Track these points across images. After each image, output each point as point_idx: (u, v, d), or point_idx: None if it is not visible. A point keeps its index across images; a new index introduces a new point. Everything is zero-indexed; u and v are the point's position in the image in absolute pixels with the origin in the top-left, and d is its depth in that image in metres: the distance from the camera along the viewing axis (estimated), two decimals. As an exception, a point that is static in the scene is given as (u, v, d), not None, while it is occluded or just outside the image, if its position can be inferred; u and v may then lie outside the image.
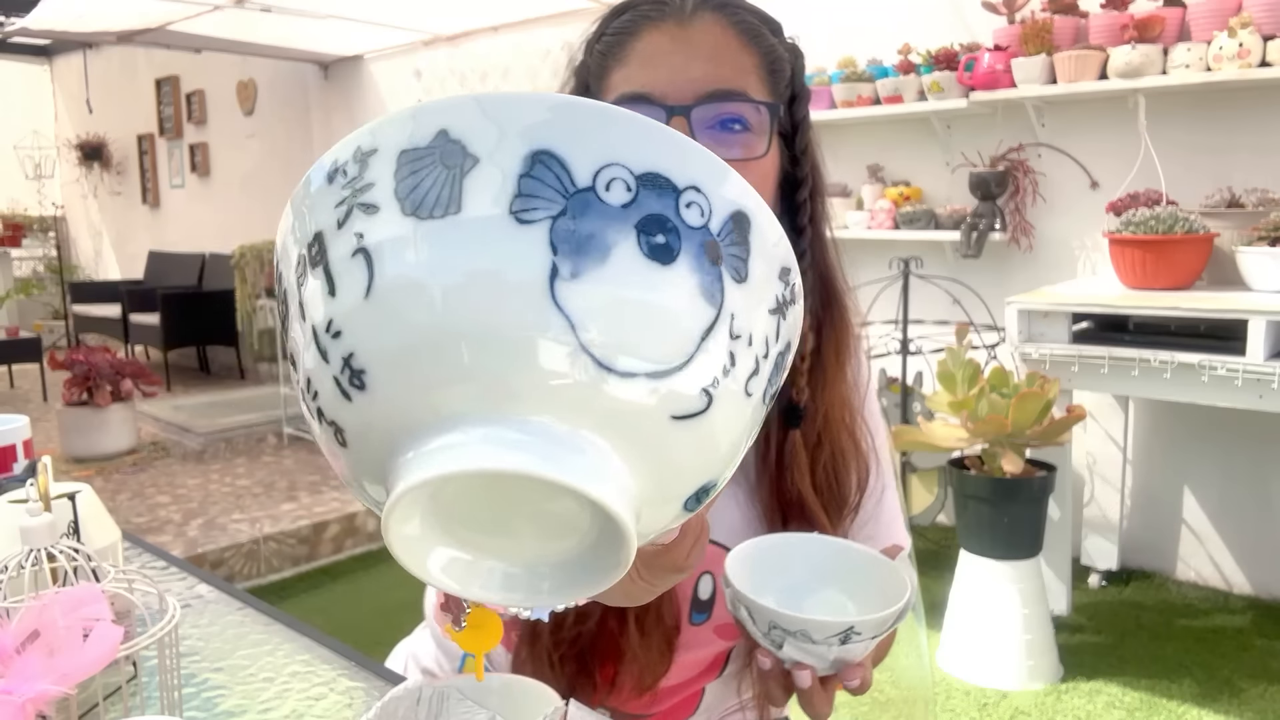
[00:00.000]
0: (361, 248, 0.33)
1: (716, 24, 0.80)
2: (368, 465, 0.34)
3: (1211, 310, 2.55)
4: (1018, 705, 2.55)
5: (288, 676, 0.94)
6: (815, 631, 0.68)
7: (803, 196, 0.86)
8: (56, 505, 0.86)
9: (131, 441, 4.97)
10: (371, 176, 0.34)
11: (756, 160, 0.80)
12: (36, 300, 8.93)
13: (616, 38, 0.81)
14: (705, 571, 0.88)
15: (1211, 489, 3.29)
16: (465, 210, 0.32)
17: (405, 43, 5.69)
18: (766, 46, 0.82)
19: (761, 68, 0.81)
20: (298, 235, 0.36)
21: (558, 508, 0.33)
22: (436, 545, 0.34)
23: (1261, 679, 2.66)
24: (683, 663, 0.90)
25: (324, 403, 0.34)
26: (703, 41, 0.79)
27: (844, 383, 0.88)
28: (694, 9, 0.80)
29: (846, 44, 3.87)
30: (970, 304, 3.59)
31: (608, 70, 0.82)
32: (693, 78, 0.78)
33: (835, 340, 0.88)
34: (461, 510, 0.34)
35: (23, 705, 0.61)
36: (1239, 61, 2.84)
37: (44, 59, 9.35)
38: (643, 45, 0.80)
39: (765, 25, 0.83)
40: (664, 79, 0.78)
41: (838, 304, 0.89)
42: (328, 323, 0.34)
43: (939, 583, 3.04)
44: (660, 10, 0.80)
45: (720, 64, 0.79)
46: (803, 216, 0.86)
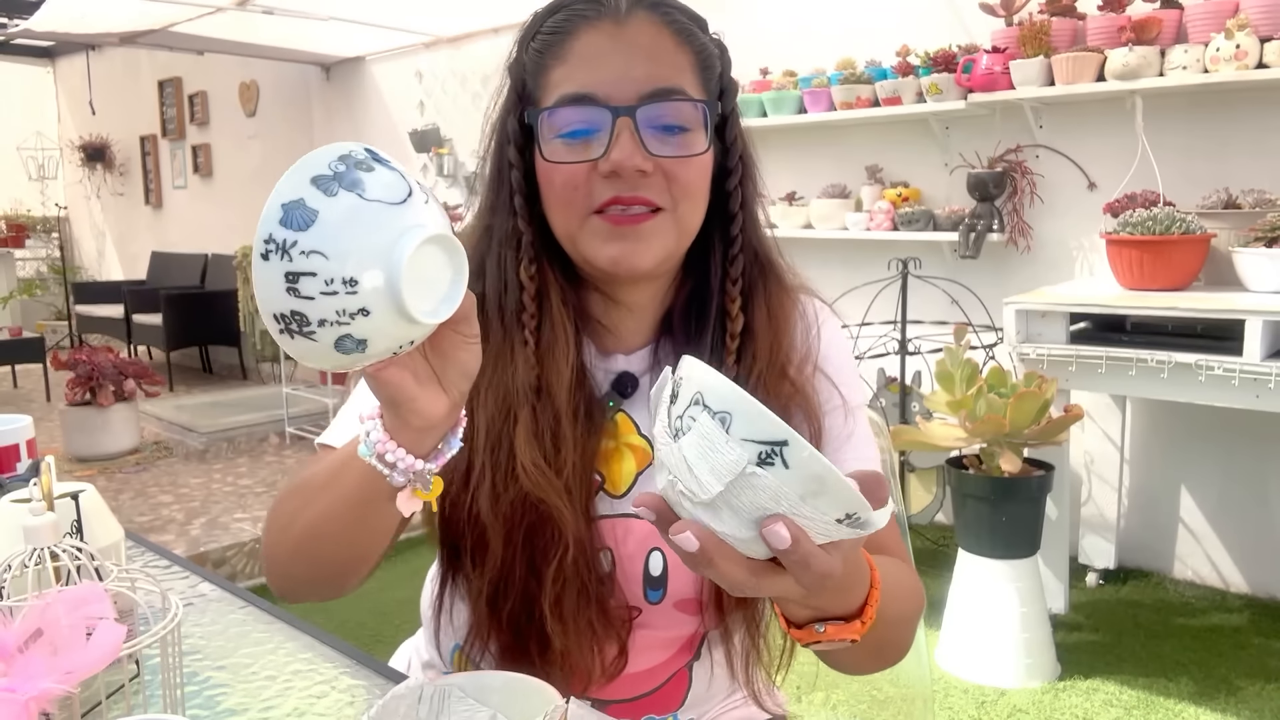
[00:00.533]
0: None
1: (651, 24, 0.82)
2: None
3: (1208, 310, 2.56)
4: (1015, 703, 2.56)
5: (290, 675, 0.95)
6: (742, 420, 0.52)
7: (733, 184, 0.89)
8: (59, 505, 0.87)
9: (134, 441, 4.99)
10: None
11: (698, 156, 0.83)
12: (40, 300, 8.95)
13: (553, 36, 0.83)
14: (654, 548, 0.89)
15: (1209, 488, 3.29)
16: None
17: (406, 44, 5.70)
18: (698, 45, 0.85)
19: (695, 65, 0.84)
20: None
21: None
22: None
23: (1258, 677, 2.67)
24: (650, 642, 0.92)
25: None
26: (640, 41, 0.82)
27: (779, 353, 0.90)
28: (629, 9, 0.82)
29: (845, 46, 3.87)
30: (968, 304, 3.60)
31: (546, 68, 0.84)
32: (634, 77, 0.80)
33: (767, 311, 0.90)
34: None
35: (26, 703, 0.61)
36: (1236, 63, 2.85)
37: (47, 60, 9.36)
38: (581, 45, 0.82)
39: (695, 24, 0.86)
40: (606, 79, 0.81)
41: (772, 278, 0.92)
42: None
43: (937, 581, 3.05)
44: (596, 10, 0.82)
45: (659, 63, 0.82)
46: (734, 203, 0.89)
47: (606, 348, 0.93)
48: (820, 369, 0.93)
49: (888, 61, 3.73)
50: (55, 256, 9.01)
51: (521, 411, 0.85)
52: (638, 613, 0.90)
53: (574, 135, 0.81)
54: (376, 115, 6.14)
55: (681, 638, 0.93)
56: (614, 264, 0.84)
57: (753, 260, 0.91)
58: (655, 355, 0.93)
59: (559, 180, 0.83)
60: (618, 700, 0.93)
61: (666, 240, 0.84)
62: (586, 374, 0.89)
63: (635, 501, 0.59)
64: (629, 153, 0.79)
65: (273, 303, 0.58)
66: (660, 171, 0.82)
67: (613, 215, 0.82)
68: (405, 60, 5.85)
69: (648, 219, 0.82)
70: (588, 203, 0.82)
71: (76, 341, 7.82)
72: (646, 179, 0.81)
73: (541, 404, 0.86)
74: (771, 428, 0.52)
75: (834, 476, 0.52)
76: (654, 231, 0.83)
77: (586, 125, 0.81)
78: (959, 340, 2.82)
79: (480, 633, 0.90)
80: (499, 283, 0.89)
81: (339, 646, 0.98)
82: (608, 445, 0.90)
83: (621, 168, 0.80)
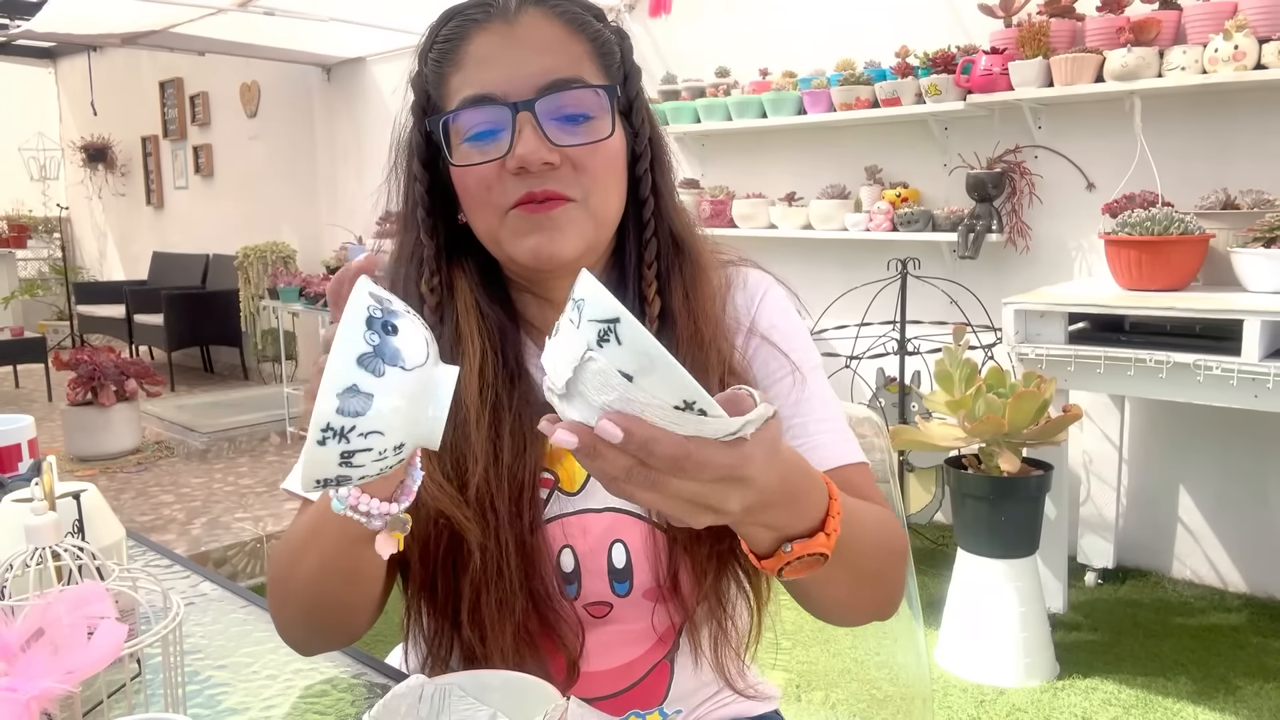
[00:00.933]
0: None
1: (542, 18, 0.83)
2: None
3: (1207, 310, 2.57)
4: (1014, 702, 2.57)
5: (290, 674, 0.96)
6: (589, 305, 0.53)
7: (642, 169, 0.89)
8: (61, 504, 0.87)
9: (135, 441, 4.99)
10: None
11: (604, 141, 0.83)
12: (41, 301, 8.95)
13: (448, 44, 0.84)
14: (616, 540, 0.89)
15: (1207, 488, 3.30)
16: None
17: (407, 45, 5.68)
18: (593, 33, 0.85)
19: (592, 53, 0.85)
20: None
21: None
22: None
23: (1257, 677, 2.68)
24: (624, 637, 0.92)
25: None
26: (532, 36, 0.82)
27: (702, 332, 0.89)
28: (518, 7, 0.83)
29: (844, 47, 3.88)
30: (967, 304, 3.61)
31: (445, 77, 0.85)
32: (529, 72, 0.81)
33: (684, 293, 0.90)
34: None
35: (27, 703, 0.62)
36: (1234, 64, 2.85)
37: (48, 61, 9.37)
38: (475, 48, 0.83)
39: (589, 12, 0.86)
40: (502, 77, 0.81)
41: (688, 258, 0.92)
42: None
43: (937, 580, 3.05)
44: (485, 13, 0.83)
45: (553, 55, 0.82)
46: (644, 188, 0.89)
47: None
48: (765, 336, 0.93)
49: (887, 62, 3.73)
50: (57, 257, 9.02)
51: None
52: (607, 609, 0.90)
53: (479, 137, 0.82)
54: (377, 116, 6.15)
55: (656, 629, 0.93)
56: (534, 255, 0.84)
57: (668, 242, 0.91)
58: None
59: (471, 183, 0.83)
60: (599, 697, 0.93)
61: (584, 229, 0.84)
62: (523, 376, 0.89)
63: (540, 425, 0.59)
64: (533, 147, 0.80)
65: (321, 471, 0.61)
66: (568, 162, 0.82)
67: (528, 207, 0.82)
68: (406, 61, 5.81)
69: (558, 205, 0.82)
70: (502, 201, 0.83)
71: (78, 341, 7.83)
72: (555, 171, 0.81)
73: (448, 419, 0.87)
74: (608, 306, 0.52)
75: (664, 356, 0.52)
76: (569, 220, 0.83)
77: (489, 125, 0.81)
78: (958, 340, 2.82)
79: (433, 644, 0.92)
80: (403, 297, 0.89)
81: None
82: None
83: (527, 162, 0.80)
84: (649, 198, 0.89)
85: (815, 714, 1.48)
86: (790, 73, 4.00)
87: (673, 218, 0.92)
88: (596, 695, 0.93)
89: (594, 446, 0.54)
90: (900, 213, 3.68)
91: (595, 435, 0.54)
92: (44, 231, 9.21)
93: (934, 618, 2.85)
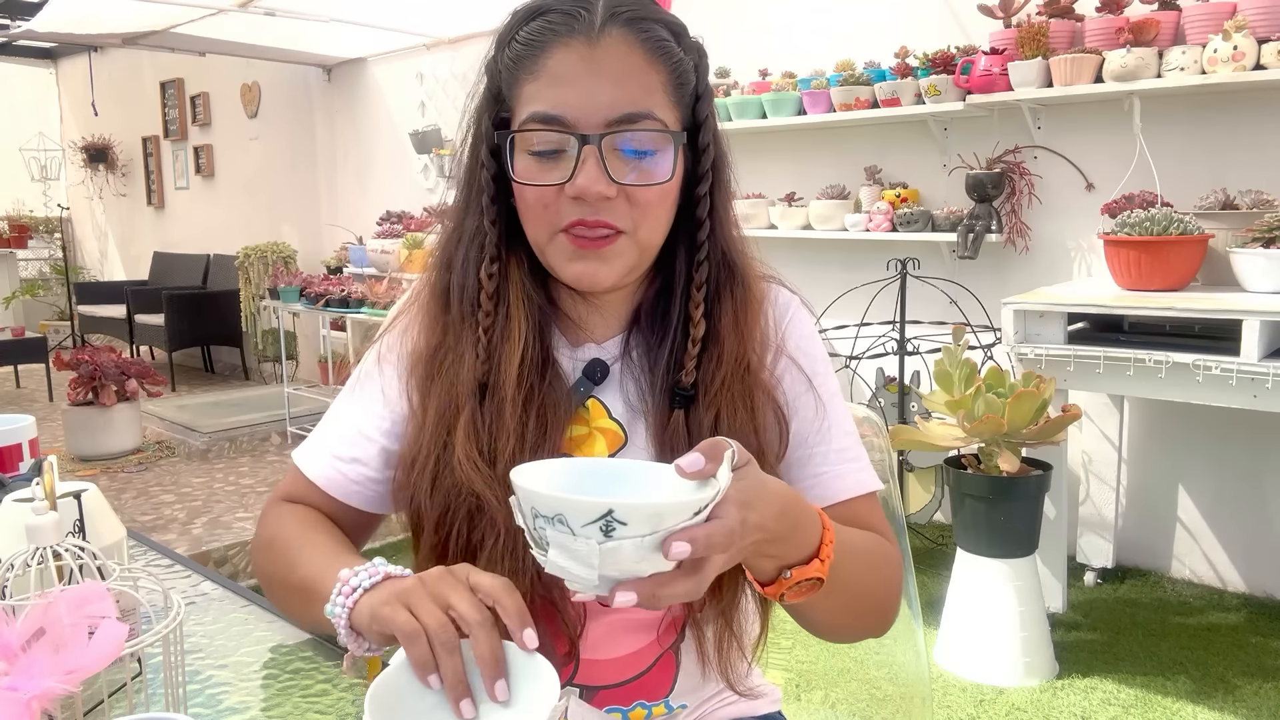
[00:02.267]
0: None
1: (624, 42, 0.83)
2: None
3: (1206, 311, 2.57)
4: (1014, 701, 2.57)
5: (290, 674, 0.96)
6: (572, 515, 0.61)
7: (702, 191, 0.90)
8: (62, 504, 0.87)
9: (136, 441, 5.00)
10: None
11: (659, 185, 0.85)
12: (42, 301, 8.96)
13: (528, 48, 0.84)
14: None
15: (1206, 488, 3.30)
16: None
17: (407, 45, 5.70)
18: (673, 61, 0.85)
19: (668, 84, 0.85)
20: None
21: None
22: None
23: (1256, 676, 2.68)
24: (630, 625, 0.93)
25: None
26: (610, 63, 0.82)
27: (744, 354, 0.91)
28: (603, 25, 0.83)
29: (844, 47, 3.88)
30: (967, 304, 3.61)
31: (519, 81, 0.85)
32: (602, 102, 0.82)
33: (733, 314, 0.92)
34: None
35: (28, 702, 0.62)
36: (1234, 64, 2.85)
37: (49, 62, 9.37)
38: (554, 63, 0.83)
39: (671, 34, 0.86)
40: (575, 102, 0.82)
41: (739, 281, 0.93)
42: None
43: (936, 580, 3.06)
44: (570, 26, 0.83)
45: (628, 86, 0.82)
46: (701, 210, 0.90)
47: (577, 339, 0.95)
48: (791, 358, 0.95)
49: (886, 63, 3.73)
50: (58, 257, 9.02)
51: (465, 406, 0.88)
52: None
53: (542, 155, 0.84)
54: (378, 116, 6.15)
55: (661, 619, 0.94)
56: (577, 281, 0.88)
57: (720, 264, 0.92)
58: (626, 344, 0.95)
59: (530, 197, 0.85)
60: (607, 685, 0.94)
61: (628, 259, 0.87)
62: (551, 364, 0.92)
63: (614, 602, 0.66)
64: (593, 179, 0.81)
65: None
66: (624, 196, 0.84)
67: (577, 237, 0.85)
68: (406, 61, 5.85)
69: (609, 242, 0.85)
70: (556, 221, 0.85)
71: (79, 341, 7.83)
72: (610, 203, 0.83)
73: (487, 399, 0.88)
74: (593, 507, 0.60)
75: (666, 504, 0.62)
76: (615, 253, 0.86)
77: (554, 146, 0.83)
78: (957, 340, 2.83)
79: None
80: (462, 277, 0.92)
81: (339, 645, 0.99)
82: (579, 432, 0.92)
83: (586, 193, 0.82)
84: (705, 220, 0.90)
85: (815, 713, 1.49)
86: (790, 73, 4.00)
87: (727, 240, 0.93)
88: (602, 684, 0.94)
89: (655, 594, 0.64)
90: (900, 213, 3.68)
91: (653, 581, 0.64)
92: (45, 232, 9.21)
93: (933, 617, 2.86)
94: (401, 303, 1.00)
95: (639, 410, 0.92)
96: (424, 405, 0.91)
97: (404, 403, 0.94)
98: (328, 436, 0.98)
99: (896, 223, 3.70)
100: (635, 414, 0.92)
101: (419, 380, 0.92)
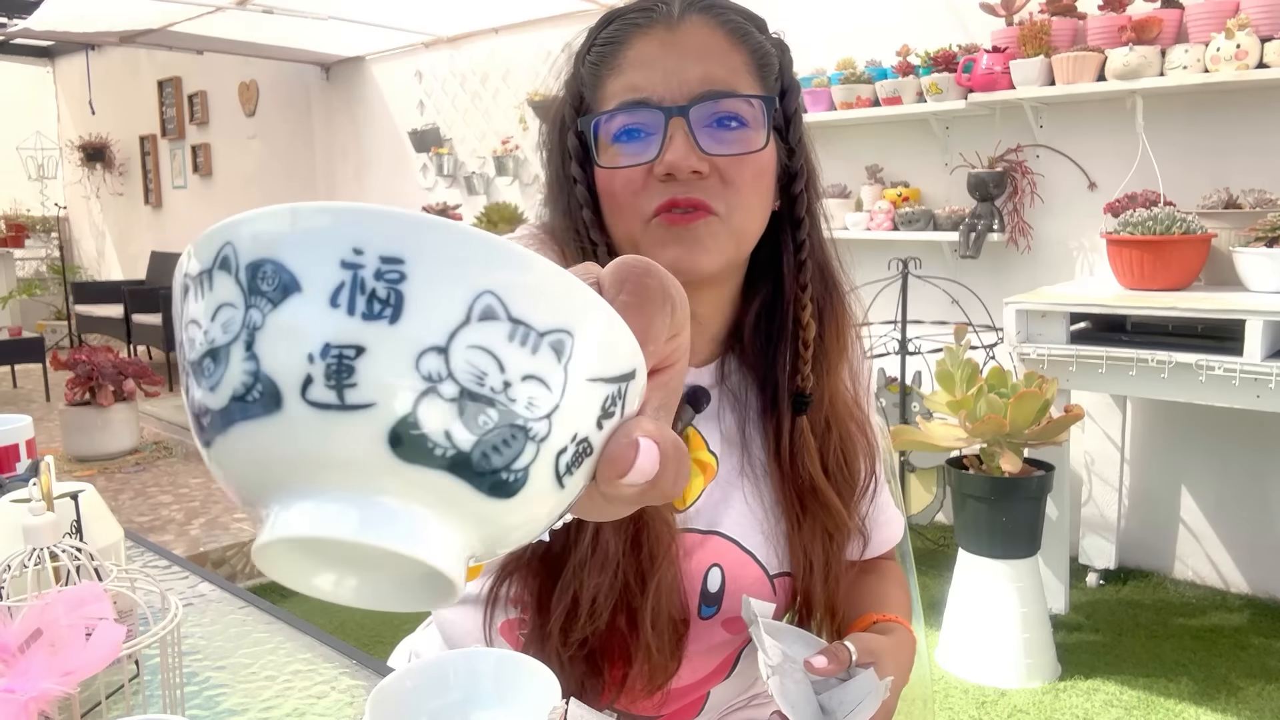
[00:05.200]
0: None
1: (704, 26, 0.81)
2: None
3: (1209, 310, 2.56)
4: (1016, 703, 2.56)
5: (289, 675, 0.95)
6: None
7: (799, 188, 0.87)
8: (59, 505, 0.86)
9: (134, 441, 4.99)
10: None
11: (755, 154, 0.81)
12: (39, 300, 8.95)
13: (607, 48, 0.83)
14: (714, 564, 0.88)
15: (1209, 488, 3.29)
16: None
17: (406, 44, 5.70)
18: (754, 44, 0.83)
19: (751, 65, 0.83)
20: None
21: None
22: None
23: (1258, 677, 2.67)
24: (692, 661, 0.90)
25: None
26: (692, 44, 0.80)
27: (845, 368, 0.91)
28: (681, 13, 0.81)
29: (845, 46, 3.88)
30: (969, 304, 3.60)
31: (601, 80, 0.83)
32: (686, 79, 0.79)
33: (836, 326, 0.90)
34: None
35: (25, 704, 0.61)
36: (1236, 63, 2.85)
37: (46, 60, 9.37)
38: (635, 53, 0.81)
39: (751, 23, 0.85)
40: (659, 82, 0.79)
41: (836, 292, 0.92)
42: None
43: (938, 581, 3.05)
44: (648, 17, 0.82)
45: (711, 63, 0.80)
46: (800, 208, 0.87)
47: None
48: (861, 394, 0.96)
49: (888, 61, 3.73)
50: (55, 256, 9.01)
51: None
52: (685, 628, 0.88)
53: (628, 138, 0.80)
54: (376, 115, 6.15)
55: (718, 658, 0.92)
56: (674, 267, 0.82)
57: (817, 274, 0.89)
58: (721, 369, 0.91)
59: (617, 185, 0.82)
60: (648, 717, 0.92)
61: (724, 245, 0.82)
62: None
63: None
64: (683, 153, 0.78)
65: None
66: (716, 172, 0.80)
67: (669, 217, 0.81)
68: (405, 60, 5.85)
69: (700, 217, 0.80)
70: (647, 206, 0.81)
71: (76, 341, 7.83)
72: (703, 180, 0.80)
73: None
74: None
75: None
76: (709, 233, 0.81)
77: (640, 126, 0.80)
78: (959, 340, 2.82)
79: (536, 639, 0.87)
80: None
81: (339, 646, 0.98)
82: None
83: (676, 168, 0.78)
84: (803, 218, 0.87)
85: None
86: (790, 72, 4.00)
87: (823, 246, 0.91)
88: (646, 715, 0.92)
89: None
90: (901, 212, 3.68)
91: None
92: (42, 231, 9.20)
93: (935, 618, 2.85)
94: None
95: (734, 441, 0.89)
96: None
97: None
98: None
99: (898, 222, 3.70)
100: (730, 444, 0.90)
101: None
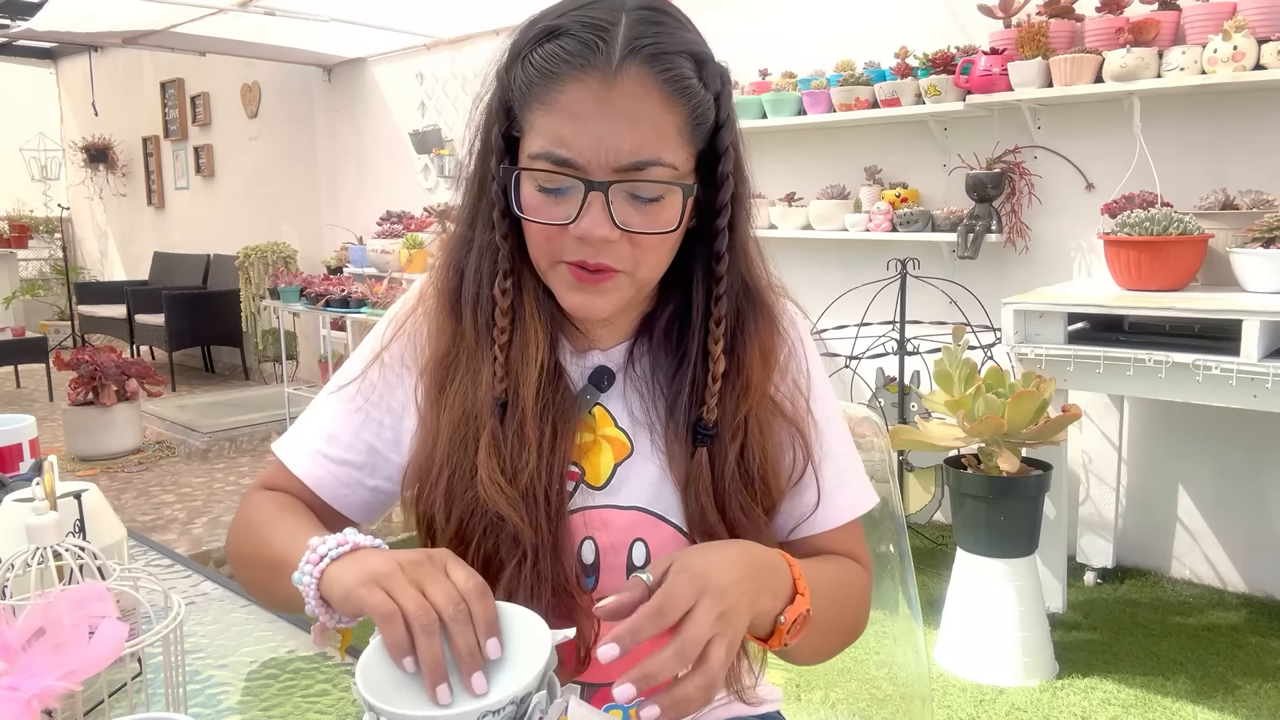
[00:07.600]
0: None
1: (641, 84, 0.79)
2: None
3: (1206, 311, 2.57)
4: (1014, 701, 2.57)
5: (290, 674, 0.96)
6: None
7: (721, 224, 0.87)
8: (62, 504, 0.87)
9: (137, 441, 5.00)
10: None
11: (663, 234, 0.84)
12: (42, 301, 8.96)
13: (542, 75, 0.81)
14: (638, 539, 0.91)
15: (1206, 487, 3.30)
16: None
17: (408, 45, 5.71)
18: (692, 100, 0.82)
19: (685, 125, 0.82)
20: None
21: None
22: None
23: (1255, 676, 2.68)
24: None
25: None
26: (625, 106, 0.79)
27: (767, 384, 0.91)
28: (621, 60, 0.79)
29: (844, 47, 3.88)
30: (967, 304, 3.61)
31: (530, 105, 0.82)
32: (614, 146, 0.79)
33: (759, 347, 0.91)
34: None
35: (28, 701, 0.62)
36: (1233, 64, 2.85)
37: (49, 62, 9.37)
38: (567, 99, 0.80)
39: (694, 64, 0.82)
40: (586, 146, 0.79)
41: (760, 311, 0.93)
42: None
43: (936, 580, 3.06)
44: (586, 59, 0.79)
45: (641, 129, 0.80)
46: (720, 243, 0.88)
47: (582, 345, 0.95)
48: (794, 381, 0.95)
49: (886, 63, 3.73)
50: (58, 257, 9.02)
51: (485, 425, 0.87)
52: (568, 595, 0.90)
53: (549, 191, 0.83)
54: (378, 116, 6.15)
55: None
56: (574, 311, 0.88)
57: (742, 295, 0.91)
58: (631, 353, 0.94)
59: (534, 229, 0.85)
60: (608, 683, 0.93)
61: (625, 294, 0.87)
62: (560, 372, 0.91)
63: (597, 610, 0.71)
64: (597, 223, 0.80)
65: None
66: (626, 239, 0.83)
67: (577, 273, 0.84)
68: (406, 61, 5.85)
69: (608, 278, 0.84)
70: (558, 254, 0.84)
71: (79, 341, 7.83)
72: (612, 245, 0.82)
73: (507, 416, 0.88)
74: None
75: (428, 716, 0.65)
76: (613, 288, 0.85)
77: (561, 186, 0.82)
78: (957, 340, 2.83)
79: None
80: (474, 290, 0.91)
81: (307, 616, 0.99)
82: (586, 439, 0.92)
83: (589, 237, 0.81)
84: (724, 254, 0.88)
85: (815, 713, 1.48)
86: (790, 73, 4.00)
87: (748, 268, 0.92)
88: (606, 681, 0.93)
89: (674, 698, 0.69)
90: (900, 213, 3.68)
91: (666, 691, 0.69)
92: (45, 232, 9.21)
93: (933, 617, 2.86)
94: (404, 305, 0.98)
95: (643, 422, 0.92)
96: (435, 416, 0.90)
97: (411, 411, 0.93)
98: (314, 433, 0.96)
99: (896, 223, 3.70)
100: (639, 425, 0.92)
101: (427, 389, 0.91)
